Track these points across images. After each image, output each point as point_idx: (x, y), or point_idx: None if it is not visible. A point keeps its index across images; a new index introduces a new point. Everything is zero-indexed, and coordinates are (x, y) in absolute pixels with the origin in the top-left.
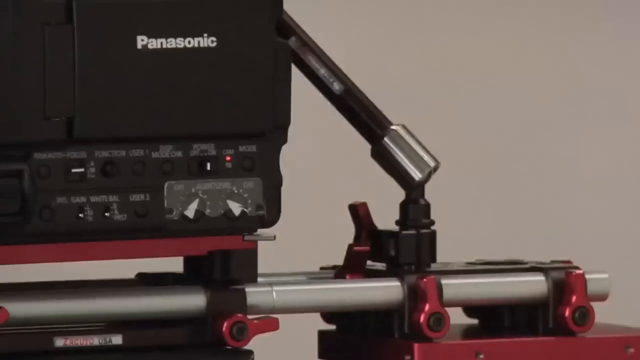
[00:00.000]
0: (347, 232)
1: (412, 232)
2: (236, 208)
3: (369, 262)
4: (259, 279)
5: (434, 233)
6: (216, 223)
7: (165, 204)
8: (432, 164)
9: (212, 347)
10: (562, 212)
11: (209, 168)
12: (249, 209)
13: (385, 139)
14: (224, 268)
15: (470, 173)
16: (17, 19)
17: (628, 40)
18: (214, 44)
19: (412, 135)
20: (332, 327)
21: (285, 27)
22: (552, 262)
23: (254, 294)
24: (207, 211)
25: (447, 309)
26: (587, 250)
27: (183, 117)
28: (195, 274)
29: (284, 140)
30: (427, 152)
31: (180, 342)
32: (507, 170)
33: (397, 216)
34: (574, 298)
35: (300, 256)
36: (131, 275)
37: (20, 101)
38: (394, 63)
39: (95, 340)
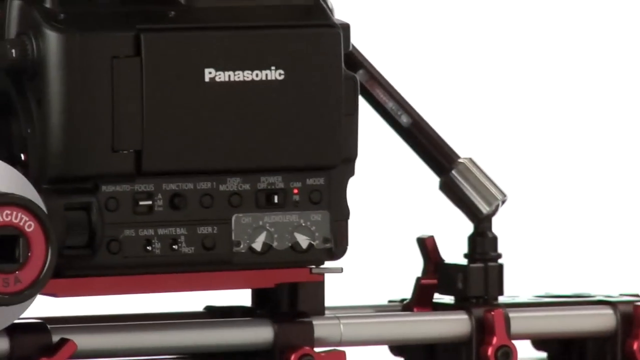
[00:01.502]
0: (414, 265)
1: (480, 265)
2: (303, 241)
3: (436, 295)
4: (327, 312)
5: (501, 266)
6: (284, 256)
7: (233, 237)
8: (499, 197)
9: None
10: (631, 244)
11: (276, 201)
12: (317, 241)
13: (453, 172)
14: (291, 301)
15: (536, 205)
16: (86, 51)
17: None
18: (282, 77)
19: (480, 169)
20: None
21: (353, 60)
22: (621, 295)
23: (322, 327)
24: (275, 244)
25: (514, 342)
26: None
27: (251, 150)
28: (262, 307)
29: (352, 173)
30: (495, 185)
31: None
32: (573, 202)
33: (464, 249)
34: None
35: (368, 289)
36: (198, 307)
37: (88, 134)
38: (461, 95)
39: None
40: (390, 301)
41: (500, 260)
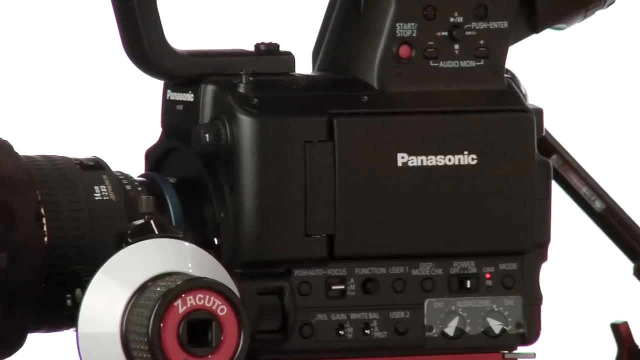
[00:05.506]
0: (608, 351)
1: None
2: (496, 326)
3: None
4: None
5: None
6: (476, 341)
7: (425, 322)
8: None
9: None
10: None
11: (469, 286)
12: (509, 326)
13: None
14: None
15: None
16: (280, 136)
17: None
18: (475, 162)
19: None
20: None
21: (547, 145)
22: None
23: None
24: (467, 329)
25: None
26: None
27: (443, 235)
28: None
29: (545, 258)
30: None
31: None
32: None
33: None
34: None
35: None
36: None
37: (282, 218)
38: None
39: None
40: None
41: None
